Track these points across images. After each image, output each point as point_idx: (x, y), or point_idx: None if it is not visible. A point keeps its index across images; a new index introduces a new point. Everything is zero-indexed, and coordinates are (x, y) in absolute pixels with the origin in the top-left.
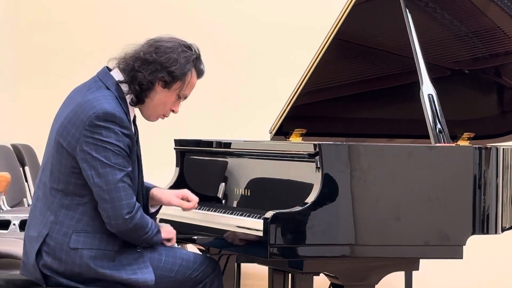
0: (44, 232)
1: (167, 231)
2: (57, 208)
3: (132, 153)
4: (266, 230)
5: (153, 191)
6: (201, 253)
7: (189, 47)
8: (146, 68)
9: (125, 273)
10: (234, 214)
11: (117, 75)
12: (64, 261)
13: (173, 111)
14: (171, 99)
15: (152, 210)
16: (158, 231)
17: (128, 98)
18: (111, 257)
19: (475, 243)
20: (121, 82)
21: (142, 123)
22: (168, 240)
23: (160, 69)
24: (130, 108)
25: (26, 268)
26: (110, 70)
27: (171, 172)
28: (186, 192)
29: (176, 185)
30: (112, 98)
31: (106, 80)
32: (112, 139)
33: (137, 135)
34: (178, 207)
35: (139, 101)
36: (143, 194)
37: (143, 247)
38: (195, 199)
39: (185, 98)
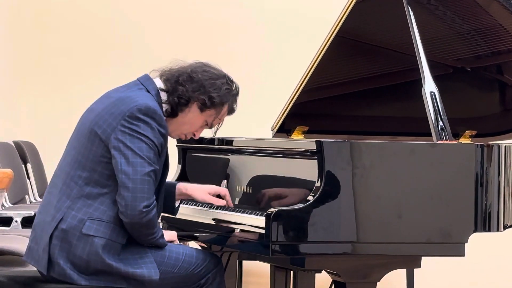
0: (58, 216)
1: (169, 234)
2: (76, 195)
3: (162, 154)
4: (268, 227)
5: (181, 186)
6: (203, 249)
7: (232, 81)
8: (189, 85)
9: (130, 267)
10: (236, 212)
11: (159, 83)
12: (74, 245)
13: (194, 134)
14: (199, 123)
15: (177, 204)
16: (163, 236)
17: (164, 107)
18: (118, 249)
19: (477, 241)
20: (162, 89)
21: None
22: (171, 242)
23: (202, 91)
24: None
25: (32, 254)
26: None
27: (173, 169)
28: (215, 188)
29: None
30: (153, 100)
31: (148, 85)
32: (149, 133)
33: None
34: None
35: (173, 113)
36: (161, 196)
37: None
38: (226, 193)
39: (210, 127)
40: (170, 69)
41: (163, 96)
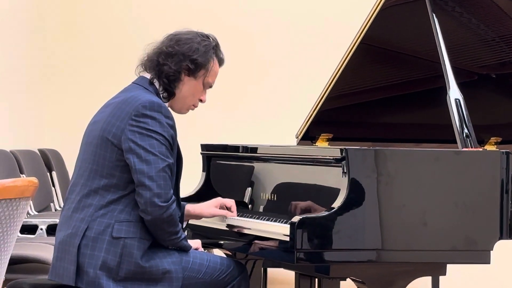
0: (83, 226)
1: (194, 242)
2: (98, 203)
3: (174, 146)
4: (292, 235)
5: (189, 208)
6: (228, 257)
7: (207, 36)
8: (170, 60)
9: (160, 264)
10: (261, 219)
11: (147, 75)
12: (105, 250)
13: (201, 100)
14: (198, 88)
15: (184, 224)
16: (186, 239)
17: (161, 94)
18: (146, 248)
19: (502, 248)
20: (152, 79)
21: None
22: (195, 249)
23: (183, 59)
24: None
25: (55, 271)
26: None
27: (197, 177)
28: (220, 200)
29: (203, 190)
30: (154, 95)
31: (144, 83)
32: (158, 128)
33: None
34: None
35: (169, 94)
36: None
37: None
38: (232, 203)
39: (210, 87)
40: (147, 55)
41: (156, 84)
